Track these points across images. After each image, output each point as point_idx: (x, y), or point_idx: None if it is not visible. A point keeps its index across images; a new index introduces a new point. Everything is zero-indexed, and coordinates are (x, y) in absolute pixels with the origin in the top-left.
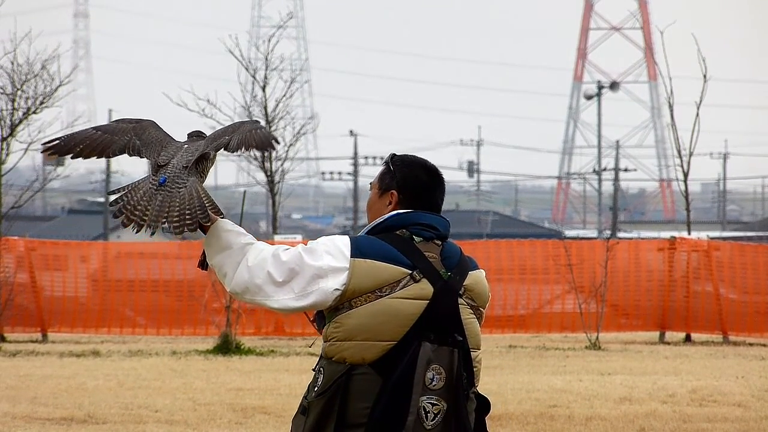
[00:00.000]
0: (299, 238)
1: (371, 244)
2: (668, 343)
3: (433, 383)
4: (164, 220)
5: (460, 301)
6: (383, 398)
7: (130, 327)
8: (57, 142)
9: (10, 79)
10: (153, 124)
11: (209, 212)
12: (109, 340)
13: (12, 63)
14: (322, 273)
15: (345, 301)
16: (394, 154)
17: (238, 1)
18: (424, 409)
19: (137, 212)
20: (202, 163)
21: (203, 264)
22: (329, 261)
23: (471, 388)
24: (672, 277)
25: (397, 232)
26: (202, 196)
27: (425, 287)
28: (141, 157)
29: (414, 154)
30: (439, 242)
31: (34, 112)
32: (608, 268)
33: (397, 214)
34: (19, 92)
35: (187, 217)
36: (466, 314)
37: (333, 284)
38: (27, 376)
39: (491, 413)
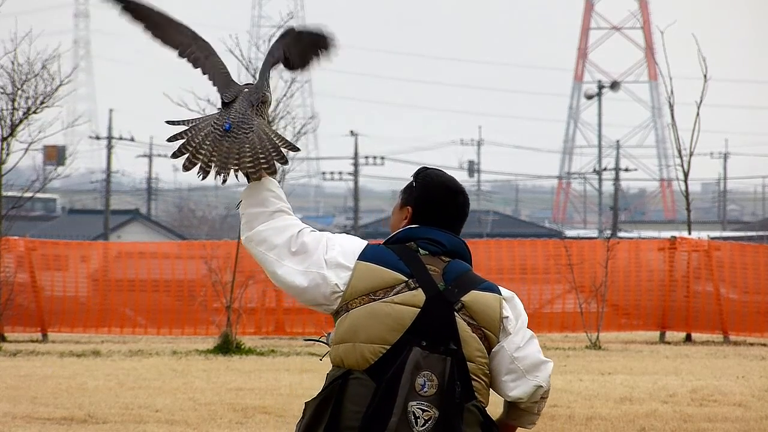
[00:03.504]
0: None
1: (375, 251)
2: (669, 343)
3: (424, 389)
4: (235, 166)
5: (457, 315)
6: (373, 402)
7: (131, 327)
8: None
9: (11, 79)
10: (213, 50)
11: (283, 151)
12: (110, 340)
13: (12, 63)
14: (328, 264)
15: (344, 303)
16: (423, 169)
17: (238, 1)
18: (414, 414)
19: (201, 155)
20: (262, 107)
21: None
22: (337, 255)
23: (471, 400)
24: (672, 277)
25: (406, 244)
26: (272, 136)
27: (418, 295)
28: (197, 68)
29: (441, 170)
30: (447, 259)
31: (35, 112)
32: (609, 268)
33: (410, 228)
34: (19, 92)
35: (262, 160)
36: (464, 327)
37: (334, 278)
38: (27, 376)
39: (491, 413)
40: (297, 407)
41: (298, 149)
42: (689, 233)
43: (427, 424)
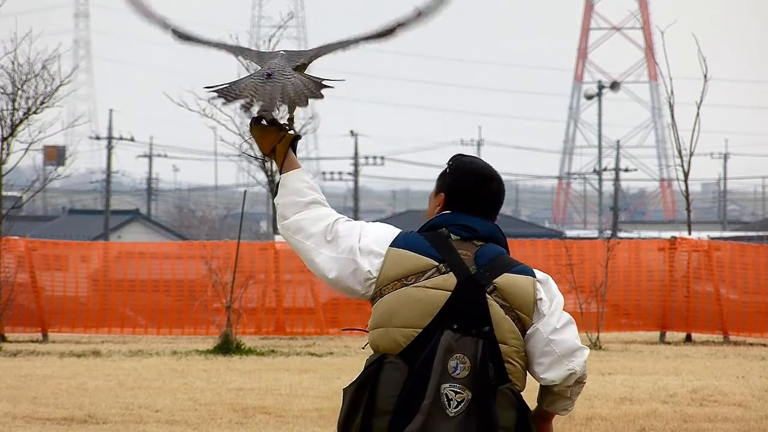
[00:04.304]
0: None
1: (407, 237)
2: (669, 343)
3: (457, 372)
4: (280, 101)
5: (489, 297)
6: (406, 386)
7: (131, 327)
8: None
9: (11, 79)
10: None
11: (323, 86)
12: (110, 340)
13: (12, 63)
14: (362, 251)
15: (377, 289)
16: (457, 156)
17: (238, 1)
18: (447, 396)
19: (243, 96)
20: (301, 68)
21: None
22: (370, 242)
23: (504, 382)
24: (672, 277)
25: (438, 231)
26: (311, 78)
27: (449, 279)
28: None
29: (476, 156)
30: (479, 243)
31: (35, 112)
32: (609, 268)
33: (442, 215)
34: (19, 92)
35: (305, 92)
36: (496, 309)
37: (367, 265)
38: (27, 376)
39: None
40: (297, 407)
41: (332, 87)
42: (689, 233)
43: (460, 406)
